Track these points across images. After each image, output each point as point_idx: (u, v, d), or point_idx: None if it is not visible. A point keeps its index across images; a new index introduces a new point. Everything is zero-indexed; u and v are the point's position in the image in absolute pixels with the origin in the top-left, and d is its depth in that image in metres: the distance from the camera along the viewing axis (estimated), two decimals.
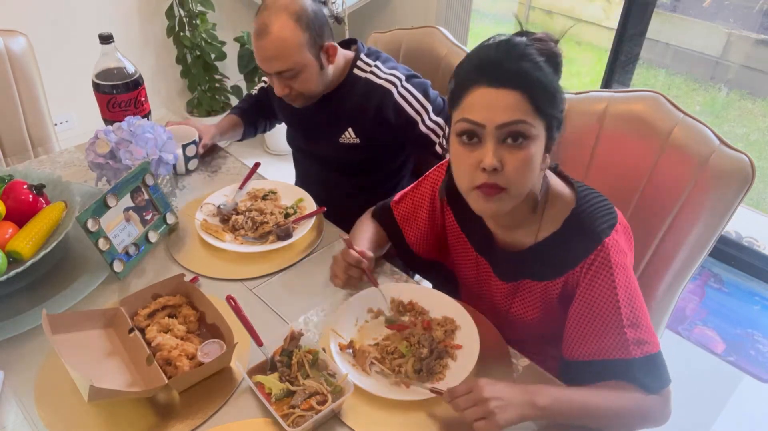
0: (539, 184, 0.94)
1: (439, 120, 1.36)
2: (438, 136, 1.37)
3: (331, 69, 1.34)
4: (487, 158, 0.84)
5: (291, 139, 1.60)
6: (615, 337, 0.89)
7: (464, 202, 0.94)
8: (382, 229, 1.22)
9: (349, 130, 1.40)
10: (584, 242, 0.91)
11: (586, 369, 0.93)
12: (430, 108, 1.35)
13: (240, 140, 1.65)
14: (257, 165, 1.47)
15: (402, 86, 1.34)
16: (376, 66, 1.37)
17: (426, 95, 1.36)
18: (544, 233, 0.96)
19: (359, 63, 1.38)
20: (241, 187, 1.40)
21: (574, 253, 0.92)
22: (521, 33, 0.88)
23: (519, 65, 0.83)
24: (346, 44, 1.45)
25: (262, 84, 1.63)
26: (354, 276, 1.08)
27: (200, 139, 1.49)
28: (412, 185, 1.19)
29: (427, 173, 1.16)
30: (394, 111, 1.34)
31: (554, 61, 0.86)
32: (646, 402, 0.89)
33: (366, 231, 1.19)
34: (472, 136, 0.85)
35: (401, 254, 1.23)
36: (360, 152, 1.42)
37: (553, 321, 1.02)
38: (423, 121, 1.35)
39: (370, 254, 1.10)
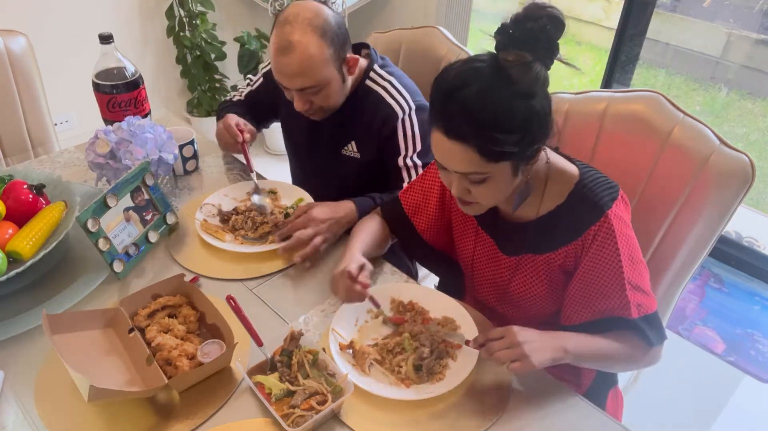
0: (541, 169, 0.96)
1: (418, 163, 1.33)
2: (409, 177, 1.33)
3: (350, 80, 1.31)
4: (453, 190, 0.93)
5: (290, 146, 1.57)
6: (618, 301, 0.95)
7: None
8: (386, 225, 1.22)
9: (352, 143, 1.38)
10: (587, 213, 0.94)
11: (585, 330, 0.97)
12: (419, 149, 1.32)
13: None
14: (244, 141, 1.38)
15: (408, 115, 1.32)
16: (389, 82, 1.33)
17: (424, 136, 1.33)
18: (547, 207, 0.99)
19: (372, 74, 1.35)
20: (251, 170, 1.39)
21: (577, 224, 0.96)
22: (492, 59, 0.84)
23: (466, 120, 0.82)
24: (356, 48, 1.41)
25: (250, 88, 1.54)
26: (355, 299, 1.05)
27: (243, 132, 1.37)
28: (421, 174, 1.19)
29: (432, 163, 1.16)
30: (390, 131, 1.32)
31: (528, 89, 0.82)
32: (646, 348, 0.98)
33: (366, 231, 1.19)
34: (442, 166, 0.92)
35: (407, 246, 1.23)
36: (358, 167, 1.40)
37: (555, 298, 1.04)
38: (405, 156, 1.33)
39: (368, 281, 1.03)
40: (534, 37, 0.82)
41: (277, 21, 1.21)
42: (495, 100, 0.82)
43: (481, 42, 4.43)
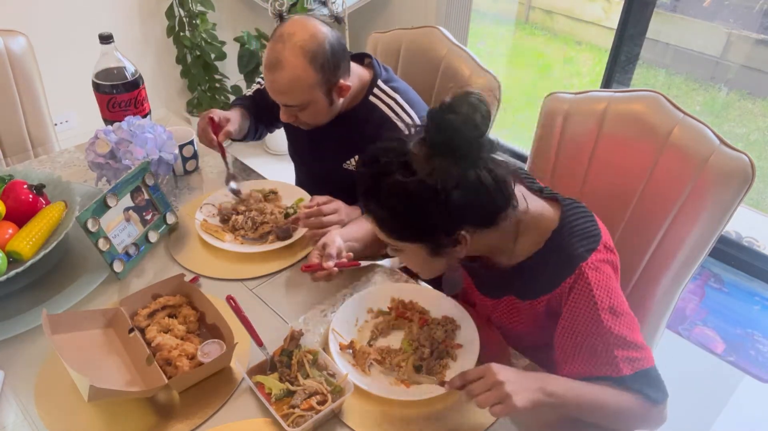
0: (516, 216, 0.90)
1: None
2: None
3: (341, 101, 1.30)
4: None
5: (292, 152, 1.57)
6: (604, 357, 0.88)
7: None
8: None
9: (356, 158, 1.37)
10: (560, 266, 0.90)
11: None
12: None
13: (242, 140, 1.54)
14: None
15: None
16: (394, 100, 1.32)
17: None
18: (525, 253, 0.95)
19: (376, 90, 1.33)
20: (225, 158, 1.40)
21: (550, 277, 0.92)
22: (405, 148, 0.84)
23: (369, 202, 0.87)
24: (358, 57, 1.39)
25: (258, 86, 1.55)
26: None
27: (223, 129, 1.37)
28: None
29: None
30: None
31: (442, 188, 0.80)
32: (647, 406, 0.88)
33: (363, 225, 1.18)
34: None
35: None
36: None
37: (540, 335, 1.00)
38: None
39: (332, 265, 1.07)
40: (452, 133, 0.81)
41: (274, 33, 1.21)
42: (403, 193, 0.82)
43: (480, 43, 4.42)
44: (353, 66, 1.33)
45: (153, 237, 1.23)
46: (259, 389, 0.90)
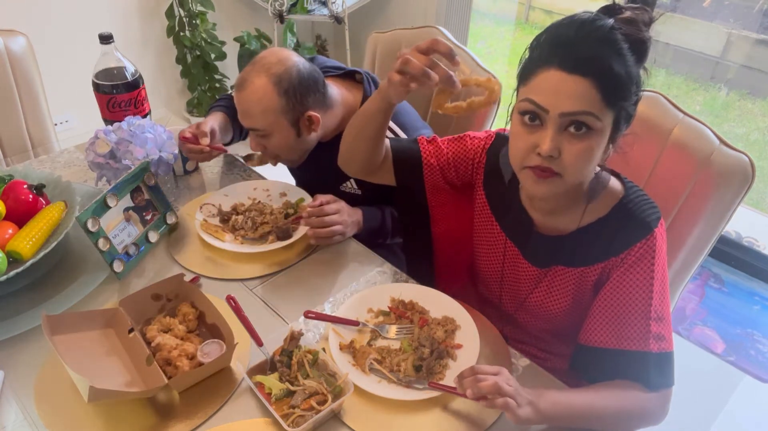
0: (593, 172, 0.92)
1: None
2: None
3: (314, 136, 1.29)
4: (545, 144, 0.82)
5: (290, 168, 1.56)
6: (639, 328, 0.89)
7: (502, 186, 0.96)
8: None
9: (352, 180, 1.38)
10: (633, 229, 0.91)
11: (600, 357, 0.93)
12: None
13: (227, 144, 1.49)
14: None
15: None
16: None
17: None
18: (588, 219, 0.95)
19: None
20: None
21: (620, 239, 0.91)
22: (609, 9, 0.83)
23: (596, 51, 0.79)
24: (350, 74, 1.39)
25: None
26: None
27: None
28: (451, 138, 1.12)
29: (468, 133, 1.11)
30: None
31: (639, 49, 0.81)
32: (646, 402, 0.89)
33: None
34: (535, 118, 0.84)
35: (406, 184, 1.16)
36: (359, 201, 1.36)
37: (577, 314, 1.00)
38: None
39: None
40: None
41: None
42: (622, 41, 0.79)
43: (480, 43, 4.42)
44: (340, 91, 1.32)
45: (153, 237, 1.23)
46: (259, 389, 0.90)
